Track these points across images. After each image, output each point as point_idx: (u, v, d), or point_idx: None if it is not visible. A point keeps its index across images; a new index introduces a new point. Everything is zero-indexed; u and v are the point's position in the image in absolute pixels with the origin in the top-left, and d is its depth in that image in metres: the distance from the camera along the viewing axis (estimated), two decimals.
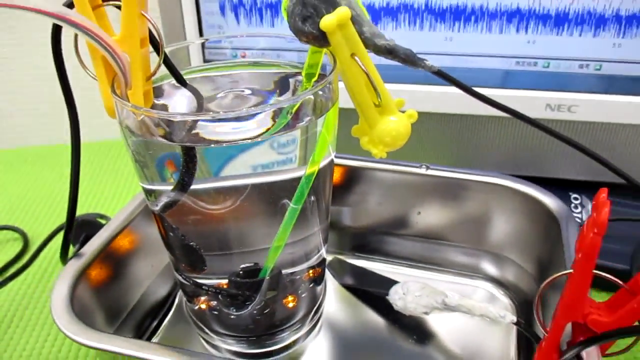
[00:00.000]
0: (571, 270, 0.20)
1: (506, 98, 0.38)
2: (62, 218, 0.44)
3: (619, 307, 0.20)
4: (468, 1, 0.36)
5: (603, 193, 0.20)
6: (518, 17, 0.36)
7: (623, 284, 0.21)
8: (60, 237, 0.38)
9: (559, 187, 0.41)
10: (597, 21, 0.35)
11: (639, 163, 0.41)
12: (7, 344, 0.32)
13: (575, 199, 0.40)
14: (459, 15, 0.37)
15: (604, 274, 0.20)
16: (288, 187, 0.24)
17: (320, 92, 0.23)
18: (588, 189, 0.41)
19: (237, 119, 0.21)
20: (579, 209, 0.39)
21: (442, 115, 0.39)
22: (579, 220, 0.38)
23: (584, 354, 0.20)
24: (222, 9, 0.39)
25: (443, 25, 0.37)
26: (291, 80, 0.27)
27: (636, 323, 0.20)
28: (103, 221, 0.38)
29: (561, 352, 0.21)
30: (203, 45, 0.34)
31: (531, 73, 0.38)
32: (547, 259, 0.28)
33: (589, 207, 0.39)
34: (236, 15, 0.39)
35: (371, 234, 0.35)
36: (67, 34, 0.22)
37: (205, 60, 0.37)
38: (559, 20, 0.36)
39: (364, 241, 0.36)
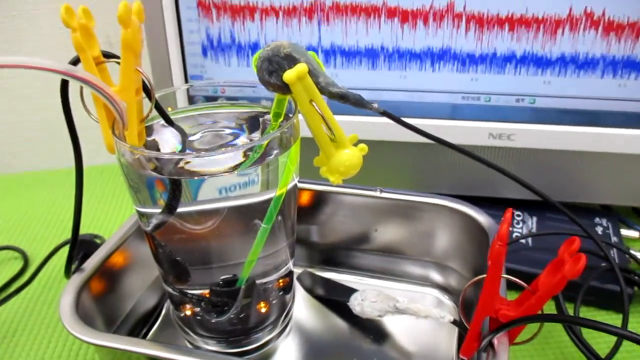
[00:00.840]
0: (484, 275, 0.25)
1: (454, 128, 0.43)
2: (57, 238, 0.48)
3: (523, 304, 0.25)
4: (419, 45, 0.41)
5: (508, 213, 0.25)
6: (462, 59, 0.42)
7: (526, 285, 0.26)
8: (58, 255, 0.42)
9: (505, 205, 0.46)
10: (530, 62, 0.41)
11: (575, 182, 0.46)
12: (12, 351, 0.36)
13: (518, 215, 0.46)
14: (412, 57, 0.42)
15: (510, 277, 0.25)
16: (259, 209, 0.29)
17: (285, 131, 0.28)
18: (530, 206, 0.46)
19: (217, 157, 0.26)
20: (521, 225, 0.44)
21: (402, 143, 0.45)
22: (519, 234, 0.43)
23: (495, 340, 0.25)
24: (204, 51, 0.44)
25: (398, 65, 0.42)
26: (261, 119, 0.32)
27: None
28: (98, 240, 0.42)
29: (480, 341, 0.26)
30: (189, 94, 0.39)
31: (475, 106, 0.43)
32: (481, 267, 0.33)
33: (529, 222, 0.45)
34: (216, 56, 0.44)
35: (336, 249, 0.40)
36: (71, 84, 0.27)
37: (189, 97, 0.42)
38: (498, 61, 0.41)
39: (330, 255, 0.41)
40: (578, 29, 0.39)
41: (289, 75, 0.26)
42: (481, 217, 0.34)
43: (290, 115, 0.29)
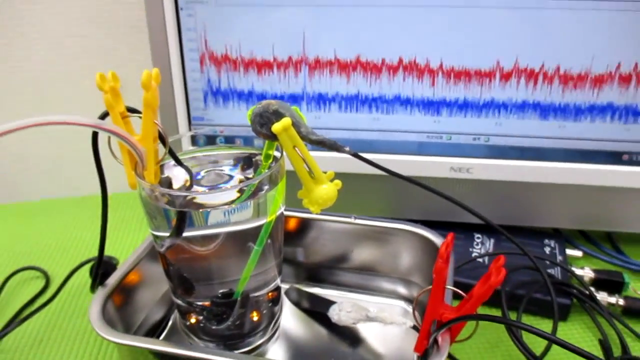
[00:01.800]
0: (430, 287, 0.32)
1: (420, 162, 0.50)
2: (74, 259, 0.55)
3: (461, 308, 0.32)
4: (389, 93, 0.49)
5: (449, 237, 0.32)
6: (426, 104, 0.49)
7: (464, 294, 0.32)
8: (77, 274, 0.49)
9: (467, 229, 0.53)
10: (483, 107, 0.48)
11: (528, 208, 0.53)
12: (39, 358, 0.42)
13: (478, 237, 0.52)
14: (383, 103, 0.49)
15: (451, 287, 0.32)
16: (252, 234, 0.35)
17: (274, 171, 0.34)
18: (490, 230, 0.53)
19: (218, 192, 0.33)
20: (480, 246, 0.51)
21: (377, 175, 0.51)
22: (477, 254, 0.50)
23: (439, 338, 0.31)
24: (205, 96, 0.51)
25: (372, 109, 0.49)
26: (253, 159, 0.39)
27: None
28: (113, 261, 0.49)
29: (429, 339, 0.32)
30: (192, 136, 0.46)
31: (438, 144, 0.50)
32: None
33: (487, 244, 0.52)
34: (215, 100, 0.51)
35: (319, 267, 0.47)
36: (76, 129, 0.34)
37: (192, 137, 0.49)
38: (457, 107, 0.49)
39: (314, 273, 0.47)
40: (521, 80, 0.47)
41: (276, 127, 0.32)
42: (436, 239, 0.41)
43: (278, 158, 0.35)
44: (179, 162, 0.36)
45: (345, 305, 0.41)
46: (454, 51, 0.46)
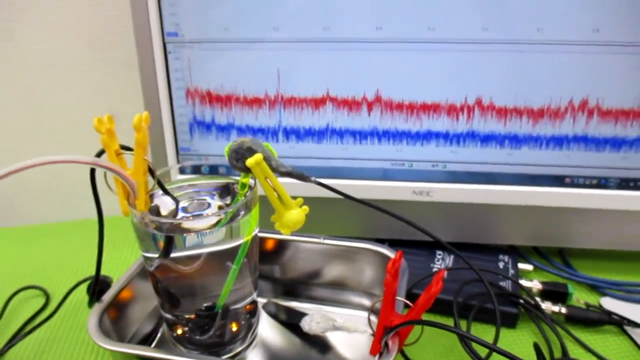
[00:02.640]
0: (382, 297, 0.37)
1: (385, 187, 0.56)
2: (72, 278, 0.59)
3: (408, 316, 0.37)
4: (355, 125, 0.54)
5: (397, 255, 0.37)
6: (389, 135, 0.54)
7: (411, 303, 0.38)
8: (75, 291, 0.54)
9: (432, 247, 0.59)
10: (440, 137, 0.54)
11: (485, 227, 0.59)
12: None
13: (439, 254, 0.58)
14: (350, 134, 0.55)
15: (401, 298, 0.37)
16: (230, 254, 0.41)
17: (248, 199, 0.40)
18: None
19: (200, 218, 0.38)
20: (440, 262, 0.57)
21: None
22: (437, 269, 0.55)
23: (390, 341, 0.37)
24: (191, 129, 0.57)
25: (340, 140, 0.55)
26: (231, 188, 0.44)
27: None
28: (108, 279, 0.54)
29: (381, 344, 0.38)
30: (180, 168, 0.51)
31: (401, 170, 0.56)
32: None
33: (447, 260, 0.57)
34: (200, 133, 0.57)
35: (293, 283, 0.52)
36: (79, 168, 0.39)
37: (180, 169, 0.54)
38: (416, 137, 0.54)
39: (289, 288, 0.52)
40: (473, 113, 0.53)
41: (249, 162, 0.38)
42: (394, 256, 0.46)
43: (252, 187, 0.41)
44: (166, 192, 0.41)
45: (315, 317, 0.46)
46: (412, 88, 0.52)
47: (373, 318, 0.45)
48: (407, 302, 0.38)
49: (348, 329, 0.44)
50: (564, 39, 0.49)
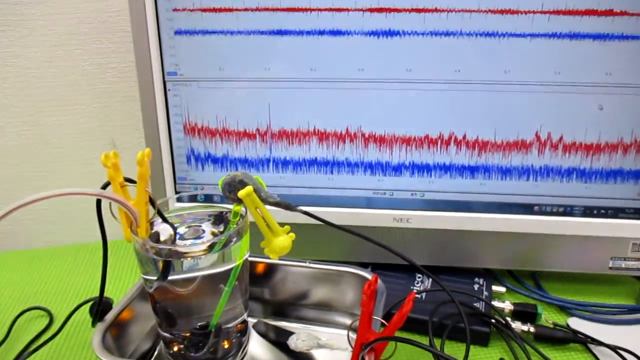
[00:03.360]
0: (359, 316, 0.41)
1: (368, 214, 0.60)
2: (74, 299, 0.63)
3: (383, 333, 0.41)
4: (340, 157, 0.59)
5: (373, 278, 0.41)
6: (371, 166, 0.59)
7: (386, 323, 0.42)
8: (77, 312, 0.57)
9: (411, 271, 0.63)
10: (417, 169, 0.59)
11: (462, 251, 0.63)
12: None
13: (419, 277, 0.62)
14: (335, 165, 0.59)
15: (377, 317, 0.41)
16: (222, 277, 0.45)
17: (240, 227, 0.44)
18: (430, 270, 0.62)
19: (195, 244, 0.42)
20: (420, 284, 0.61)
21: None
22: (417, 289, 0.59)
23: (366, 357, 0.40)
24: (188, 160, 0.61)
25: (326, 171, 0.60)
26: (224, 215, 0.48)
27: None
28: (109, 300, 0.57)
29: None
30: (178, 197, 0.56)
31: (382, 199, 0.60)
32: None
33: (426, 282, 0.61)
34: (196, 163, 0.61)
35: (282, 304, 0.56)
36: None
37: (178, 198, 0.58)
38: (396, 168, 0.59)
39: (278, 309, 0.56)
40: (448, 146, 0.57)
41: (241, 194, 0.42)
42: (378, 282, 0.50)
43: (243, 215, 0.45)
44: (165, 220, 0.46)
45: (301, 335, 0.50)
46: (392, 123, 0.57)
47: (353, 335, 0.49)
48: (383, 321, 0.42)
49: (331, 346, 0.48)
50: (528, 80, 0.54)
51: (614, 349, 0.52)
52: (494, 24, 0.53)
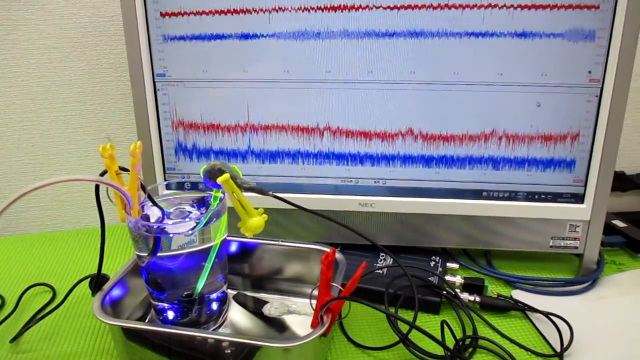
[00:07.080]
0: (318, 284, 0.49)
1: (336, 200, 0.68)
2: (74, 276, 0.70)
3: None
4: (311, 149, 0.66)
5: (331, 251, 0.49)
6: (339, 157, 0.66)
7: (341, 287, 0.49)
8: (78, 287, 0.64)
9: (375, 250, 0.70)
10: (379, 159, 0.66)
11: (422, 232, 0.70)
12: (53, 346, 0.58)
13: (382, 255, 0.69)
14: (307, 156, 0.67)
15: (335, 284, 0.49)
16: (204, 254, 0.52)
17: (219, 209, 0.51)
18: (393, 250, 0.70)
19: (180, 223, 0.50)
20: (382, 261, 0.68)
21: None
22: (379, 266, 0.67)
23: (325, 316, 0.48)
24: (176, 152, 0.69)
25: (299, 162, 0.67)
26: (206, 200, 0.56)
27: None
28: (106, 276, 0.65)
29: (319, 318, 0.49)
30: (167, 185, 0.63)
31: (349, 186, 0.68)
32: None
33: (388, 260, 0.69)
34: (184, 155, 0.69)
35: (260, 278, 0.63)
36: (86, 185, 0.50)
37: (167, 186, 0.66)
38: (360, 159, 0.66)
39: (256, 282, 0.64)
40: (405, 139, 0.65)
41: (220, 180, 0.49)
42: (338, 255, 0.58)
43: (222, 199, 0.52)
44: (154, 203, 0.53)
45: (274, 303, 0.58)
46: (357, 119, 0.65)
47: (314, 301, 0.57)
48: (340, 287, 0.50)
49: (299, 312, 0.56)
50: (474, 80, 0.62)
51: (546, 314, 0.59)
52: (449, 23, 0.60)
